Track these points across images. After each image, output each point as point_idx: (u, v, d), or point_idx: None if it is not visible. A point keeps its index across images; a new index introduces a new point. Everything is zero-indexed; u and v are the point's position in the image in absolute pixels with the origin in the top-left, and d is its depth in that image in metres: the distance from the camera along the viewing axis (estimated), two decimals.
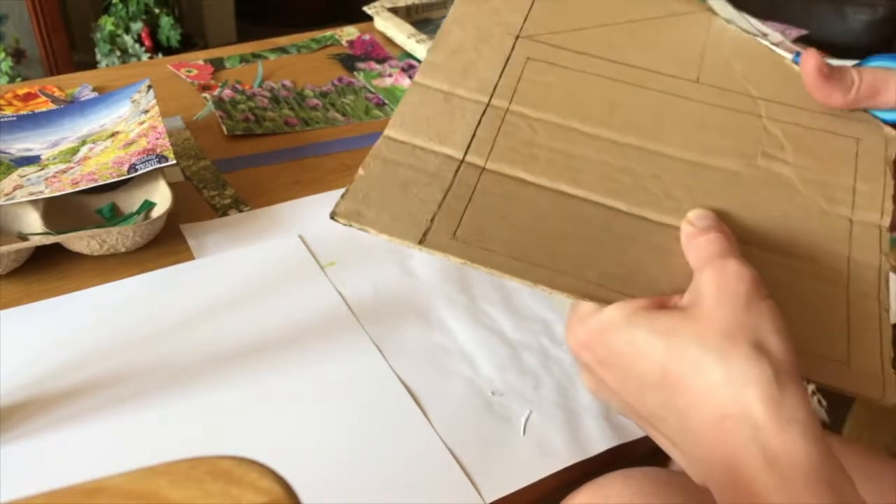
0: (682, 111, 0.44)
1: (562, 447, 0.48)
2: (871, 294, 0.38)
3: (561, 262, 0.38)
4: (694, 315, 0.33)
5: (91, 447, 0.46)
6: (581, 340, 0.37)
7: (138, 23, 1.90)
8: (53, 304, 0.56)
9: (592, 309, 0.36)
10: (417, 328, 0.56)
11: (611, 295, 0.37)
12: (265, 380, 0.51)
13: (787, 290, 0.38)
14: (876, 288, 0.39)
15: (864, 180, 0.42)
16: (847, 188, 0.42)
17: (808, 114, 0.44)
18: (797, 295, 0.38)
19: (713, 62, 0.47)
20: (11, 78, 1.70)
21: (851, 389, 0.36)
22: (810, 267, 0.39)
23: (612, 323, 0.35)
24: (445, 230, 0.39)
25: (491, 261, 0.38)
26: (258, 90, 0.86)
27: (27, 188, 0.60)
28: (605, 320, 0.35)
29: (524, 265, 0.38)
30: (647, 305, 0.35)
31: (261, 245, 0.63)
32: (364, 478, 0.46)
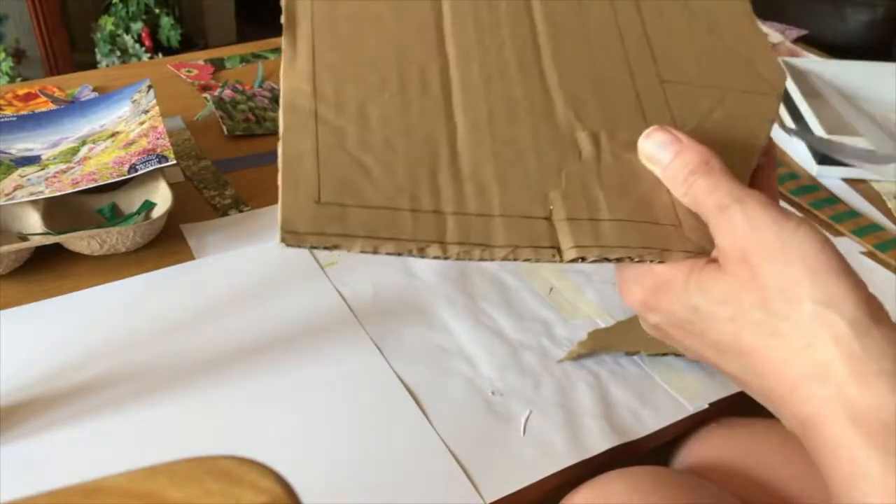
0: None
1: (562, 447, 0.48)
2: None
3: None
4: (742, 277, 0.32)
5: (91, 447, 0.46)
6: (643, 303, 0.35)
7: (138, 23, 1.90)
8: (53, 304, 0.56)
9: (641, 269, 0.35)
10: (417, 328, 0.56)
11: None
12: (265, 380, 0.51)
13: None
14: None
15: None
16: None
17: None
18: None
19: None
20: (12, 78, 1.70)
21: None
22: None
23: (670, 287, 0.34)
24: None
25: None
26: (258, 90, 0.86)
27: (27, 188, 0.60)
28: (661, 284, 0.34)
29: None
30: (693, 267, 0.34)
31: (261, 245, 0.63)
32: (364, 478, 0.46)
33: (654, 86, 0.40)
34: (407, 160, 0.34)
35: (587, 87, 0.39)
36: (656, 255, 0.34)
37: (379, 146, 0.34)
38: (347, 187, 0.33)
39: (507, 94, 0.38)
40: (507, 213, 0.34)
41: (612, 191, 0.36)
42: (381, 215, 0.32)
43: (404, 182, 0.34)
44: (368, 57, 0.37)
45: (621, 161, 0.37)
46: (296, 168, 0.33)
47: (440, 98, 0.37)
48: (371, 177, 0.33)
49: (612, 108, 0.39)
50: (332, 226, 0.32)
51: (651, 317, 0.36)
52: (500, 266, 0.63)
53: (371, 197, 0.33)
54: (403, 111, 0.36)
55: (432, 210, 0.33)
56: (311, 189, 0.33)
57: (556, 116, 0.38)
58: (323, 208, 0.32)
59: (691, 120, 0.39)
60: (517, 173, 0.35)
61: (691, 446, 0.53)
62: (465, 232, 0.33)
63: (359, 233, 0.32)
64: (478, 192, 0.34)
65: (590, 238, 0.34)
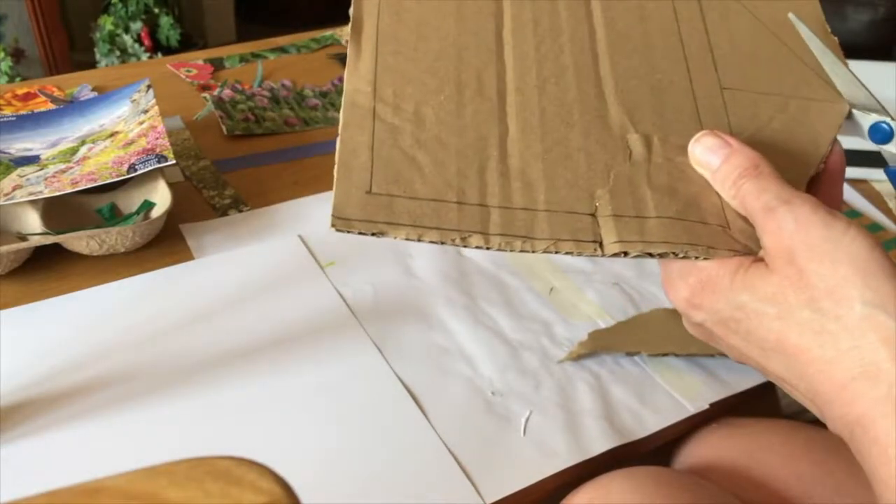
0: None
1: (562, 447, 0.48)
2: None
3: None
4: (790, 276, 0.32)
5: (91, 447, 0.46)
6: (687, 300, 0.35)
7: (138, 22, 1.90)
8: (53, 304, 0.56)
9: (686, 265, 0.35)
10: (417, 328, 0.56)
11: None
12: (265, 380, 0.51)
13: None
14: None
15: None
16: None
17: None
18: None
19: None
20: (11, 78, 1.70)
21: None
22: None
23: (716, 285, 0.34)
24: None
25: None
26: (258, 90, 0.86)
27: (26, 188, 0.60)
28: (707, 281, 0.34)
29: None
30: (740, 265, 0.34)
31: (261, 245, 0.63)
32: (364, 478, 0.46)
33: (714, 93, 0.41)
34: (457, 158, 0.36)
35: (643, 93, 0.40)
36: (701, 252, 0.34)
37: (431, 144, 0.36)
38: (398, 180, 0.35)
39: (561, 97, 0.39)
40: (552, 208, 0.35)
41: (661, 191, 0.36)
42: (427, 206, 0.34)
43: (453, 178, 0.35)
44: (428, 61, 0.39)
45: (672, 164, 0.37)
46: (351, 160, 0.35)
47: (495, 101, 0.38)
48: (421, 172, 0.35)
49: (668, 114, 0.39)
50: (380, 214, 0.33)
51: (695, 315, 0.36)
52: (500, 266, 0.63)
53: (419, 190, 0.34)
54: (458, 113, 0.37)
55: (477, 203, 0.35)
56: (364, 180, 0.34)
57: (608, 119, 0.38)
58: (373, 198, 0.34)
59: (749, 127, 0.40)
60: (565, 172, 0.36)
61: (692, 447, 0.53)
62: (509, 224, 0.34)
63: (404, 221, 0.33)
64: (524, 188, 0.35)
65: (634, 234, 0.34)
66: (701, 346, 0.55)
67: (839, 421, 0.32)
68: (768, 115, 0.41)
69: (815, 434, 0.50)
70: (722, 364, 0.55)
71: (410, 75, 0.38)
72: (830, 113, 0.41)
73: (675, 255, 0.34)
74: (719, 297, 0.34)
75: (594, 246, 0.34)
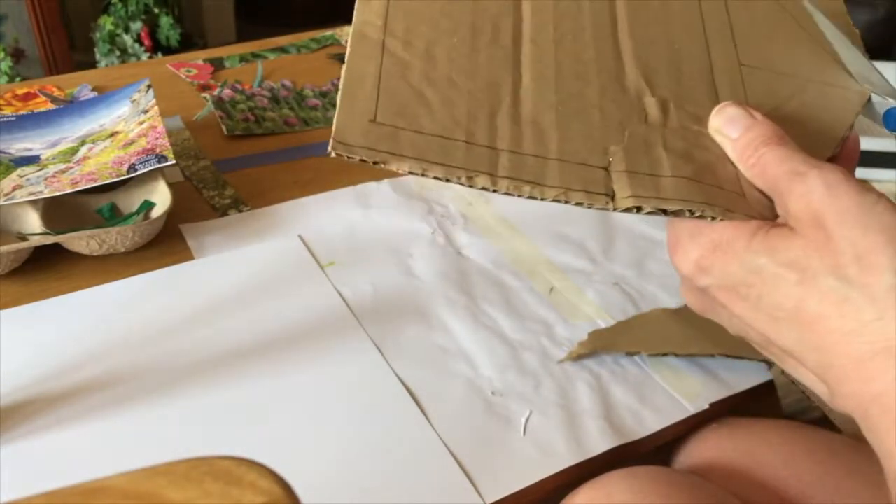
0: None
1: (562, 447, 0.48)
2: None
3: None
4: (816, 240, 0.30)
5: (91, 447, 0.46)
6: (696, 263, 0.33)
7: (138, 22, 1.90)
8: (53, 304, 0.56)
9: (699, 226, 0.33)
10: (417, 328, 0.56)
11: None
12: (265, 380, 0.51)
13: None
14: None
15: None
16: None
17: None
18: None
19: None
20: (11, 78, 1.70)
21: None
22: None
23: (730, 246, 0.32)
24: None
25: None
26: (258, 90, 0.86)
27: (27, 188, 0.60)
28: (721, 242, 0.32)
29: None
30: (759, 227, 0.32)
31: (260, 245, 0.63)
32: (364, 478, 0.46)
33: (732, 67, 0.40)
34: (467, 98, 0.35)
35: (661, 60, 0.39)
36: (718, 213, 0.33)
37: (441, 83, 0.35)
38: (404, 113, 0.34)
39: (578, 54, 0.38)
40: (564, 157, 0.34)
41: (676, 153, 0.35)
42: (433, 142, 0.33)
43: (462, 117, 0.34)
44: (443, 2, 0.38)
45: (688, 131, 0.36)
46: (356, 87, 0.34)
47: (510, 49, 0.37)
48: (429, 108, 0.34)
49: (685, 82, 0.38)
50: (383, 143, 0.32)
51: (701, 278, 0.34)
52: (500, 266, 0.63)
53: (426, 125, 0.34)
54: (470, 56, 0.36)
55: (486, 145, 0.34)
56: (369, 108, 0.33)
57: (625, 80, 0.38)
58: (377, 127, 0.33)
59: (766, 104, 0.39)
60: (578, 125, 0.35)
61: (691, 447, 0.53)
62: (518, 168, 0.33)
63: (408, 153, 0.33)
64: (536, 135, 0.35)
65: (649, 190, 0.34)
66: (701, 346, 0.55)
67: (852, 399, 0.30)
68: (786, 95, 0.40)
69: (815, 434, 0.50)
70: (722, 364, 0.55)
71: (424, 14, 0.37)
72: (849, 98, 0.41)
73: (690, 213, 0.33)
74: (733, 258, 0.32)
75: (606, 199, 0.33)
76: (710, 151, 0.36)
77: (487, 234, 0.66)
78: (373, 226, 0.66)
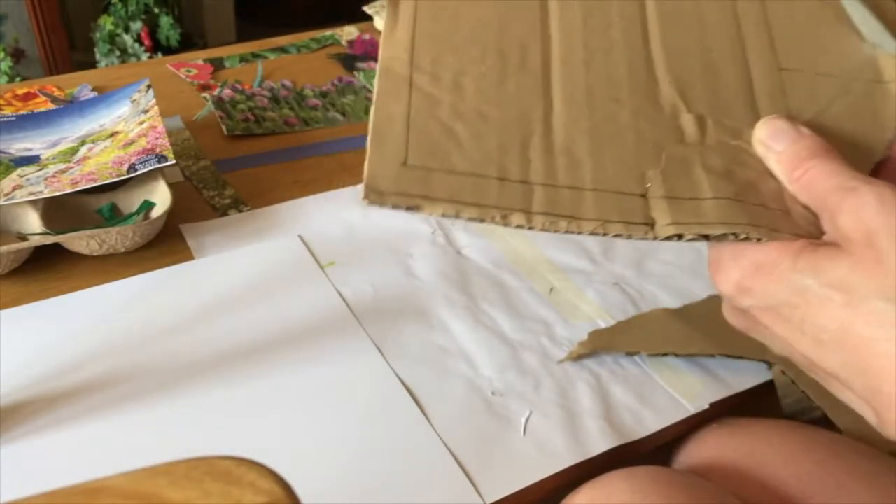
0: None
1: (562, 447, 0.48)
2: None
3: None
4: (865, 260, 0.29)
5: (91, 447, 0.46)
6: (738, 283, 0.32)
7: (138, 22, 1.90)
8: (53, 304, 0.56)
9: (741, 246, 0.32)
10: (417, 328, 0.56)
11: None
12: (265, 380, 0.51)
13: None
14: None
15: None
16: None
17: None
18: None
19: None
20: (11, 78, 1.70)
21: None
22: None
23: (774, 267, 0.31)
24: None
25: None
26: (258, 90, 0.86)
27: (27, 188, 0.60)
28: (764, 262, 0.31)
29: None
30: (805, 246, 0.31)
31: (260, 245, 0.63)
32: (364, 478, 0.46)
33: (771, 73, 0.39)
34: (498, 131, 0.34)
35: (696, 72, 0.38)
36: (763, 234, 0.31)
37: (471, 116, 0.34)
38: (435, 153, 0.33)
39: (610, 73, 0.37)
40: (599, 187, 0.33)
41: (716, 173, 0.34)
42: (466, 181, 0.32)
43: (493, 152, 0.33)
44: (469, 30, 0.37)
45: (727, 147, 0.35)
46: (385, 130, 0.33)
47: (539, 74, 0.36)
48: (460, 145, 0.33)
49: (722, 95, 0.37)
50: (416, 187, 0.32)
51: (743, 299, 0.32)
52: (500, 266, 0.63)
53: (458, 164, 0.33)
54: (499, 84, 0.36)
55: (520, 180, 0.33)
56: (399, 151, 0.33)
57: (659, 98, 0.37)
58: (408, 170, 0.32)
59: (809, 109, 0.37)
60: (613, 150, 0.34)
61: (691, 447, 0.53)
62: (553, 203, 0.32)
63: (441, 196, 0.32)
64: (570, 165, 0.34)
65: (690, 215, 0.33)
66: (701, 346, 0.55)
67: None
68: (829, 98, 0.38)
69: (815, 434, 0.50)
70: (722, 364, 0.55)
71: (450, 43, 0.36)
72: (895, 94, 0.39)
73: (734, 236, 0.32)
74: (776, 279, 0.31)
75: (645, 228, 0.32)
76: (751, 168, 0.35)
77: (487, 234, 0.67)
78: (373, 226, 0.66)
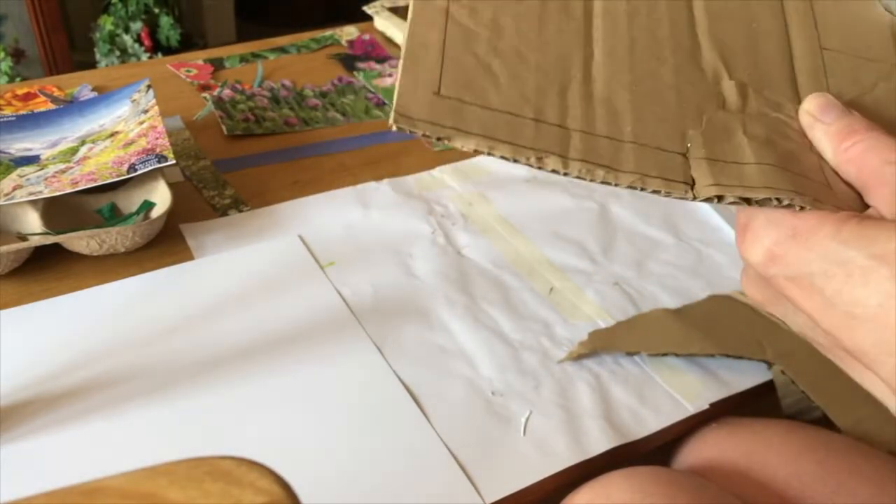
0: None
1: (562, 447, 0.48)
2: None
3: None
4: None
5: (91, 447, 0.46)
6: (768, 250, 0.31)
7: (138, 22, 1.90)
8: (53, 304, 0.56)
9: (780, 213, 0.30)
10: (417, 328, 0.56)
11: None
12: (265, 380, 0.51)
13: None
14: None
15: None
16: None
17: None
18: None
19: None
20: (11, 78, 1.70)
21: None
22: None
23: (812, 234, 0.29)
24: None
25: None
26: (258, 90, 0.86)
27: (26, 188, 0.60)
28: (802, 229, 0.30)
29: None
30: (850, 216, 0.29)
31: (261, 245, 0.63)
32: (364, 478, 0.46)
33: (813, 51, 0.38)
34: (536, 74, 0.33)
35: (739, 40, 0.37)
36: (808, 203, 0.30)
37: (509, 55, 0.33)
38: (470, 86, 0.32)
39: (652, 30, 0.36)
40: (639, 141, 0.32)
41: (758, 141, 0.33)
42: (501, 118, 0.31)
43: (531, 94, 0.32)
44: None
45: (768, 118, 0.34)
46: (419, 56, 0.32)
47: (581, 22, 0.35)
48: (496, 82, 0.32)
49: (763, 66, 0.36)
50: (448, 118, 0.30)
51: (770, 267, 0.31)
52: (500, 266, 0.63)
53: (493, 100, 0.31)
54: (540, 28, 0.35)
55: (557, 124, 0.32)
56: (433, 80, 0.31)
57: (701, 61, 0.36)
58: (441, 100, 0.31)
59: (850, 91, 0.37)
60: (653, 106, 0.34)
61: (691, 446, 0.53)
62: (591, 151, 0.31)
63: (475, 130, 0.30)
64: (609, 116, 0.33)
65: (732, 178, 0.31)
66: (701, 346, 0.55)
67: None
68: (871, 82, 0.37)
69: (815, 434, 0.50)
70: (722, 364, 0.55)
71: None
72: None
73: (777, 201, 0.30)
74: (813, 246, 0.29)
75: (685, 187, 0.31)
76: (792, 140, 0.34)
77: (487, 234, 0.67)
78: (373, 226, 0.66)
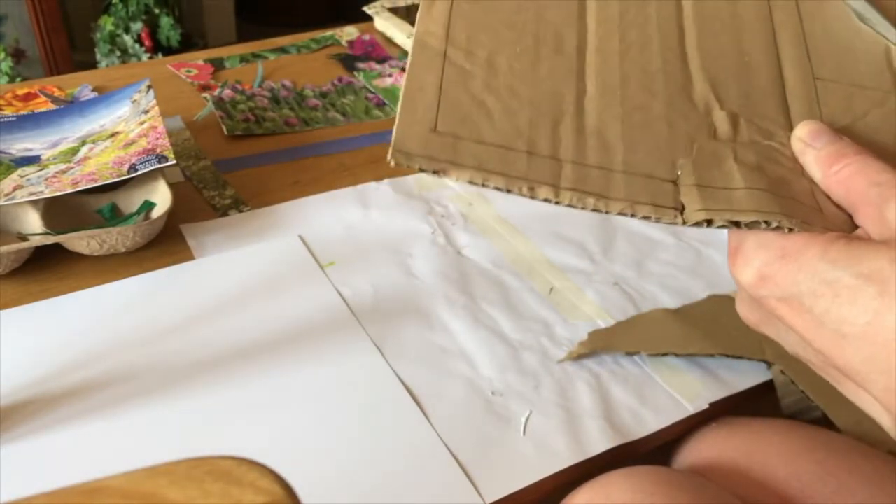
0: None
1: (562, 447, 0.48)
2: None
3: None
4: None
5: (91, 447, 0.46)
6: (758, 271, 0.31)
7: (138, 23, 1.90)
8: (53, 304, 0.56)
9: (769, 235, 0.31)
10: (417, 328, 0.56)
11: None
12: (265, 380, 0.51)
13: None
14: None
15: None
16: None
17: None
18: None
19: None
20: (11, 78, 1.70)
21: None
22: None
23: (800, 254, 0.30)
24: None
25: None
26: (258, 90, 0.86)
27: (27, 188, 0.60)
28: (791, 250, 0.30)
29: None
30: (837, 238, 0.30)
31: (261, 245, 0.63)
32: (364, 478, 0.46)
33: (806, 81, 0.39)
34: (530, 108, 0.34)
35: (730, 73, 0.38)
36: (797, 225, 0.31)
37: (503, 91, 0.35)
38: (465, 122, 0.33)
39: (644, 66, 0.37)
40: (630, 170, 0.33)
41: (748, 167, 0.34)
42: (494, 152, 0.32)
43: (523, 127, 0.34)
44: (506, 14, 0.38)
45: (760, 145, 0.35)
46: (416, 97, 0.34)
47: (573, 59, 0.37)
48: (490, 117, 0.34)
49: (755, 96, 0.37)
50: (443, 153, 0.32)
51: (760, 288, 0.31)
52: (500, 266, 0.63)
53: (487, 135, 0.33)
54: (533, 66, 0.36)
55: (549, 155, 0.33)
56: (429, 118, 0.33)
57: (693, 93, 0.37)
58: (437, 136, 0.32)
59: (842, 119, 0.37)
60: (645, 137, 0.35)
61: (691, 446, 0.53)
62: (582, 180, 0.32)
63: (469, 163, 0.32)
64: (600, 147, 0.34)
65: (722, 202, 0.32)
66: (701, 346, 0.55)
67: None
68: (864, 109, 0.38)
69: (815, 434, 0.50)
70: (722, 364, 0.55)
71: (486, 24, 0.37)
72: None
73: (766, 224, 0.31)
74: (801, 267, 0.30)
75: (674, 212, 0.32)
76: (783, 166, 0.34)
77: (487, 234, 0.67)
78: (373, 226, 0.66)
